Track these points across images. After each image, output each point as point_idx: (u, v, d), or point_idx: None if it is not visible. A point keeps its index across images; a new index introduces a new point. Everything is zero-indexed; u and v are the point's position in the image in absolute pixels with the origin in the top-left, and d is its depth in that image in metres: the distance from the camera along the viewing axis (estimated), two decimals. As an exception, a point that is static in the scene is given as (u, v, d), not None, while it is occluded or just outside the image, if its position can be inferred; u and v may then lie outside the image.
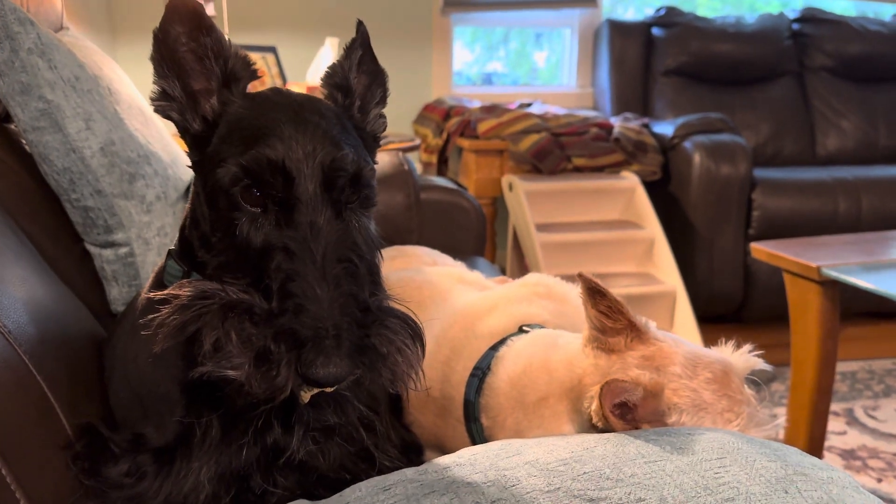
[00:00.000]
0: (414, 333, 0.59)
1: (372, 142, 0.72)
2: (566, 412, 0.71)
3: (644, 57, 3.12)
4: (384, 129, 0.74)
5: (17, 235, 0.85)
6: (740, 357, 0.72)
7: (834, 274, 1.56)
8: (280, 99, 0.64)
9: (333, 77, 0.70)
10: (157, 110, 0.64)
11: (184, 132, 0.65)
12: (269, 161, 0.57)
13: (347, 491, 0.58)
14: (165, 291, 0.56)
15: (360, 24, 0.72)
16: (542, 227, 2.54)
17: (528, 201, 2.52)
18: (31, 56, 0.93)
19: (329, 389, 0.55)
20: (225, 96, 0.63)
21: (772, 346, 0.76)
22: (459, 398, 0.81)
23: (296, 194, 0.57)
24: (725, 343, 0.75)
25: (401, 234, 1.61)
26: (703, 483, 0.51)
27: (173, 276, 0.68)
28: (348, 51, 0.71)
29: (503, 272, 2.19)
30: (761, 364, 0.73)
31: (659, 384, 0.65)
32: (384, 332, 0.56)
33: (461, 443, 0.80)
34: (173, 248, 0.71)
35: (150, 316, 0.55)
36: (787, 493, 0.51)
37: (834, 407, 2.14)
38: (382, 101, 0.73)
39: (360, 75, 0.71)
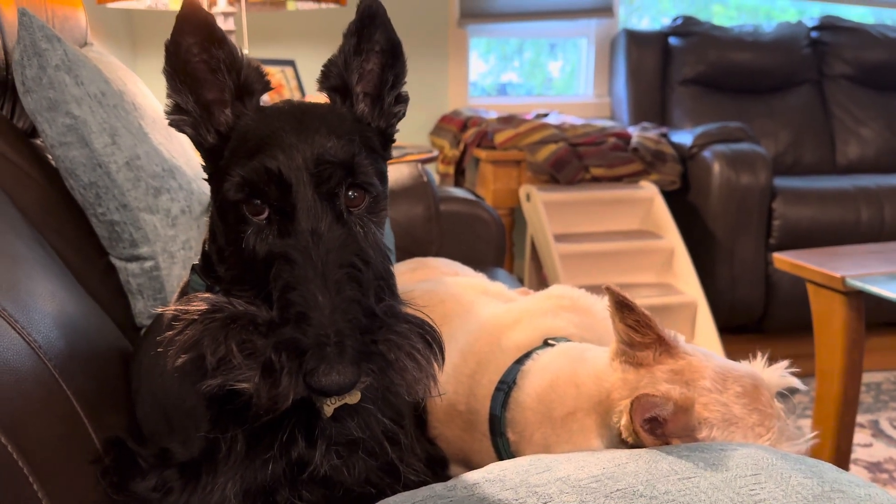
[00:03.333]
0: (428, 338, 0.58)
1: (382, 135, 0.69)
2: (595, 427, 0.70)
3: (661, 66, 3.12)
4: (401, 116, 0.70)
5: (45, 249, 0.86)
6: (774, 373, 0.71)
7: (858, 284, 1.54)
8: (287, 108, 0.64)
9: (329, 78, 0.67)
10: (171, 124, 0.64)
11: (198, 146, 0.65)
12: (266, 171, 0.57)
13: (375, 507, 0.57)
14: (175, 307, 0.56)
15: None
16: (560, 238, 2.53)
17: (546, 211, 2.51)
18: (59, 72, 0.94)
19: (351, 400, 0.55)
20: (238, 109, 0.63)
21: (794, 357, 0.75)
22: (485, 412, 0.80)
23: (294, 202, 0.57)
24: (756, 357, 0.74)
25: (420, 246, 1.61)
26: (739, 500, 0.51)
27: (197, 291, 0.68)
28: (346, 38, 0.67)
29: (521, 283, 2.18)
30: (796, 383, 0.72)
31: (689, 399, 0.64)
32: (392, 338, 0.55)
33: (487, 457, 0.80)
34: (197, 262, 0.71)
35: (168, 333, 0.55)
36: (824, 510, 0.50)
37: (859, 419, 2.11)
38: (397, 83, 0.69)
39: (372, 56, 0.67)
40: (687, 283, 2.51)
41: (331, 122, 0.62)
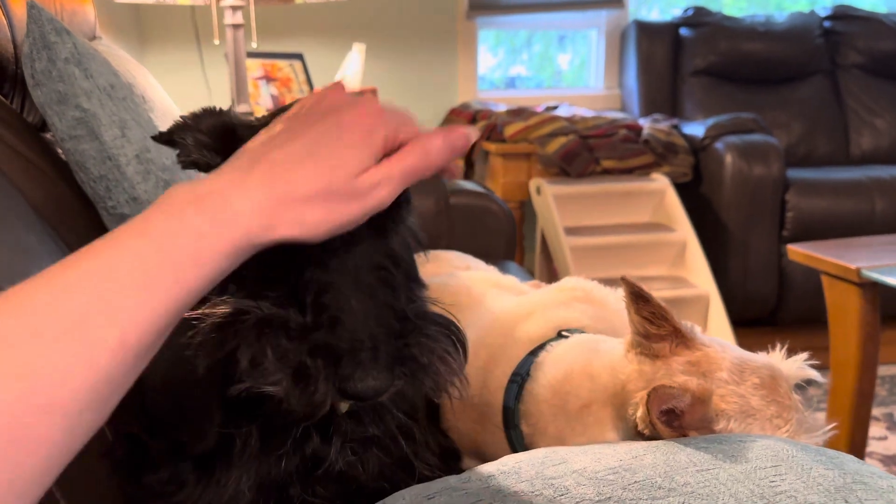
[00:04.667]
0: (456, 340, 0.57)
1: None
2: (610, 419, 0.69)
3: (672, 57, 3.09)
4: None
5: (56, 243, 0.86)
6: (792, 365, 0.70)
7: (874, 275, 1.52)
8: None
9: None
10: (185, 167, 0.63)
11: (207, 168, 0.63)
12: None
13: (390, 499, 0.57)
14: (199, 311, 0.55)
15: None
16: (571, 231, 2.52)
17: (556, 204, 2.50)
18: (68, 65, 0.94)
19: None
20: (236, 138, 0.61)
21: (808, 350, 0.74)
22: (498, 404, 0.80)
23: None
24: (774, 349, 0.73)
25: (430, 239, 1.60)
26: (759, 492, 0.50)
27: None
28: None
29: (532, 276, 2.17)
30: (815, 375, 0.71)
31: (707, 390, 0.63)
32: (424, 341, 0.54)
33: (500, 449, 0.79)
34: None
35: (190, 334, 0.54)
36: (847, 502, 0.49)
37: (874, 412, 2.09)
38: None
39: None
40: (699, 276, 2.49)
41: None
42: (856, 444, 1.67)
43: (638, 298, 0.68)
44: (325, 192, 0.46)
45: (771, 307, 2.61)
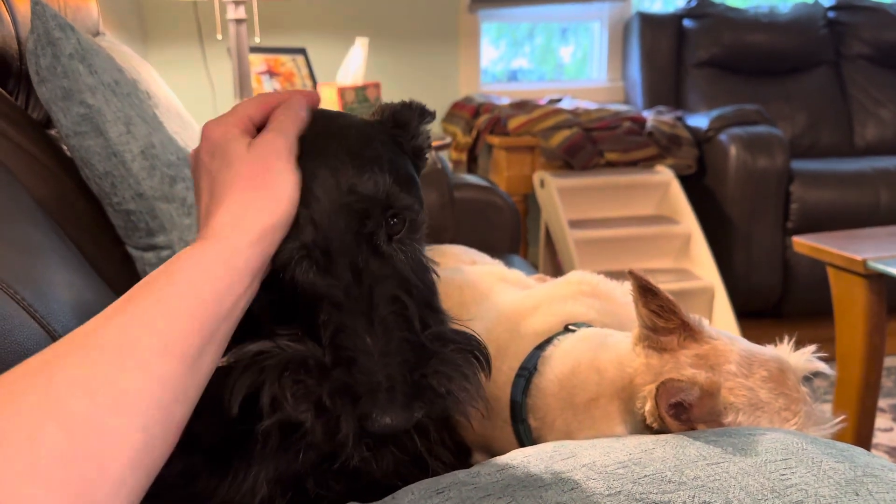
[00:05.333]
0: (476, 357, 0.57)
1: (415, 157, 0.68)
2: (618, 413, 0.69)
3: (676, 49, 3.08)
4: (429, 143, 0.70)
5: (62, 239, 0.86)
6: (801, 357, 0.70)
7: (880, 267, 1.52)
8: (306, 132, 0.61)
9: (387, 111, 0.67)
10: None
11: None
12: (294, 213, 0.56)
13: (399, 493, 0.57)
14: (226, 360, 0.56)
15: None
16: (575, 224, 2.51)
17: (560, 198, 2.50)
18: (73, 61, 0.94)
19: None
20: None
21: (813, 342, 0.74)
22: (506, 399, 0.80)
23: (327, 239, 0.55)
24: (783, 341, 0.73)
25: (435, 233, 1.60)
26: (770, 485, 0.50)
27: None
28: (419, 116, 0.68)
29: (536, 270, 2.17)
30: (823, 367, 0.70)
31: (716, 383, 0.63)
32: (441, 370, 0.54)
33: (508, 444, 0.79)
34: None
35: (223, 379, 0.56)
36: (857, 495, 0.49)
37: (880, 403, 2.09)
38: (425, 117, 0.69)
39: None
40: (704, 268, 2.49)
41: (354, 144, 0.59)
42: (862, 436, 1.67)
43: (646, 292, 0.68)
44: (240, 195, 0.54)
45: (776, 299, 2.61)
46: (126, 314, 0.47)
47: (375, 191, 0.57)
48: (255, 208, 0.53)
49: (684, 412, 0.63)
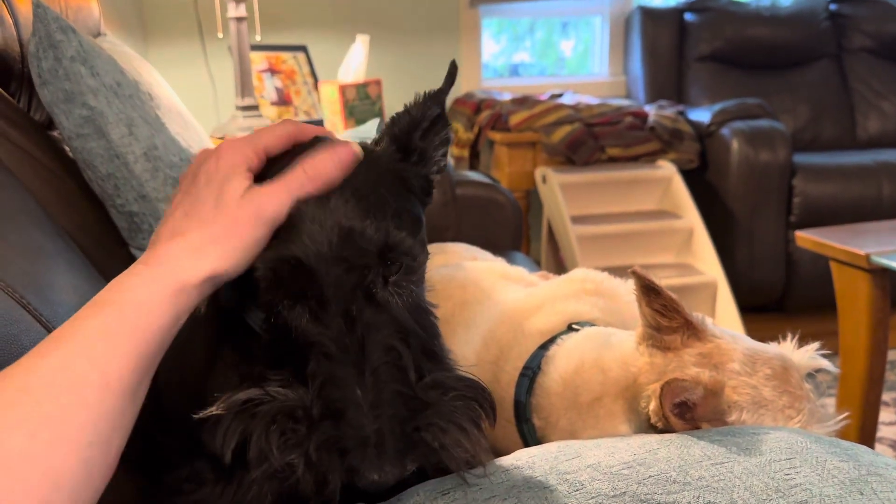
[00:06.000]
0: (479, 404, 0.55)
1: (423, 188, 0.64)
2: (622, 412, 0.70)
3: (677, 43, 3.07)
4: (442, 168, 0.66)
5: (66, 242, 0.86)
6: (804, 355, 0.70)
7: (884, 261, 1.51)
8: None
9: (394, 128, 0.62)
10: None
11: None
12: (284, 259, 0.53)
13: (405, 494, 0.57)
14: (216, 408, 0.55)
15: (453, 64, 0.64)
16: (577, 220, 2.51)
17: (562, 193, 2.49)
18: (74, 64, 0.94)
19: None
20: None
21: (816, 336, 0.74)
22: (509, 398, 0.80)
23: (320, 286, 0.53)
24: (786, 338, 0.73)
25: (437, 231, 1.60)
26: (774, 485, 0.50)
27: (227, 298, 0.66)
28: (431, 105, 0.62)
29: (538, 266, 2.17)
30: (826, 364, 0.71)
31: (719, 382, 0.63)
32: (436, 422, 0.52)
33: (512, 444, 0.79)
34: None
35: (214, 426, 0.55)
36: (862, 494, 0.49)
37: (884, 397, 2.09)
38: (445, 142, 0.65)
39: (432, 115, 0.63)
40: (707, 263, 2.49)
41: (356, 178, 0.56)
42: (866, 430, 1.67)
43: (649, 291, 0.68)
44: (209, 234, 0.54)
45: (779, 294, 2.61)
46: (70, 346, 0.48)
47: (376, 237, 0.54)
48: (213, 254, 0.53)
49: (688, 411, 0.64)
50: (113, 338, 0.49)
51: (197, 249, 0.53)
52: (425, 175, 0.64)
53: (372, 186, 0.57)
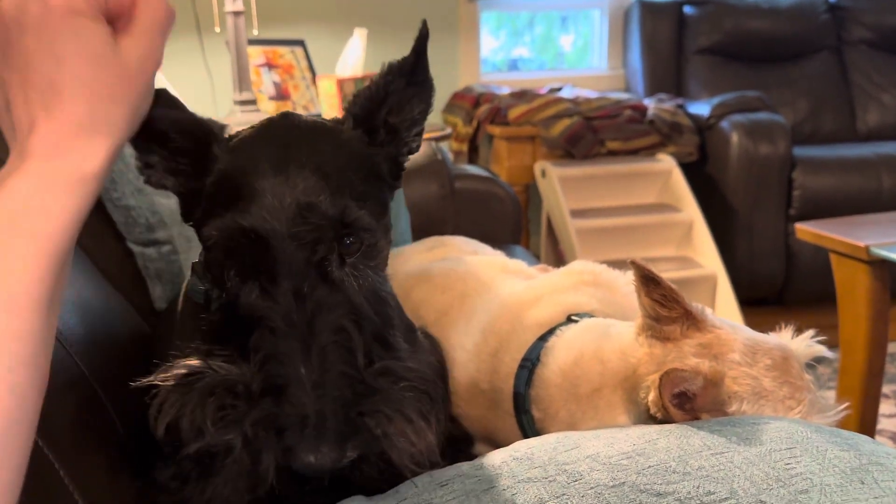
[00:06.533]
0: (424, 399, 0.54)
1: (392, 172, 0.62)
2: (621, 403, 0.69)
3: (676, 36, 3.06)
4: (415, 150, 0.63)
5: (62, 236, 0.85)
6: (801, 343, 0.70)
7: (883, 253, 1.51)
8: (269, 137, 0.57)
9: (354, 106, 0.60)
10: (147, 182, 0.60)
11: (179, 196, 0.60)
12: (239, 229, 0.52)
13: (403, 486, 0.57)
14: (155, 378, 0.53)
15: (423, 24, 0.61)
16: (576, 213, 2.51)
17: (561, 187, 2.49)
18: (69, 56, 0.93)
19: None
20: (210, 156, 0.57)
21: (816, 329, 0.74)
22: (508, 390, 0.80)
23: (273, 260, 0.51)
24: (784, 328, 0.72)
25: (436, 224, 1.60)
26: (775, 475, 0.50)
27: (197, 293, 0.65)
28: (393, 75, 0.59)
29: (538, 260, 2.17)
30: (824, 351, 0.70)
31: (719, 372, 0.63)
32: (383, 409, 0.51)
33: (512, 435, 0.79)
34: (197, 261, 0.67)
35: (148, 396, 0.53)
36: (863, 483, 0.49)
37: (884, 389, 2.09)
38: (419, 121, 0.62)
39: (404, 87, 0.60)
40: (706, 256, 2.48)
41: (321, 157, 0.55)
42: (866, 422, 1.67)
43: (648, 281, 0.68)
44: (94, 100, 0.46)
45: (778, 286, 2.60)
46: None
47: (331, 212, 0.52)
48: (106, 126, 0.47)
49: (688, 402, 0.63)
50: (13, 252, 0.43)
51: (85, 125, 0.46)
52: (395, 157, 0.62)
53: (335, 167, 0.55)
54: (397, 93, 0.60)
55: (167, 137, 0.57)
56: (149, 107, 0.52)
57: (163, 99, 0.55)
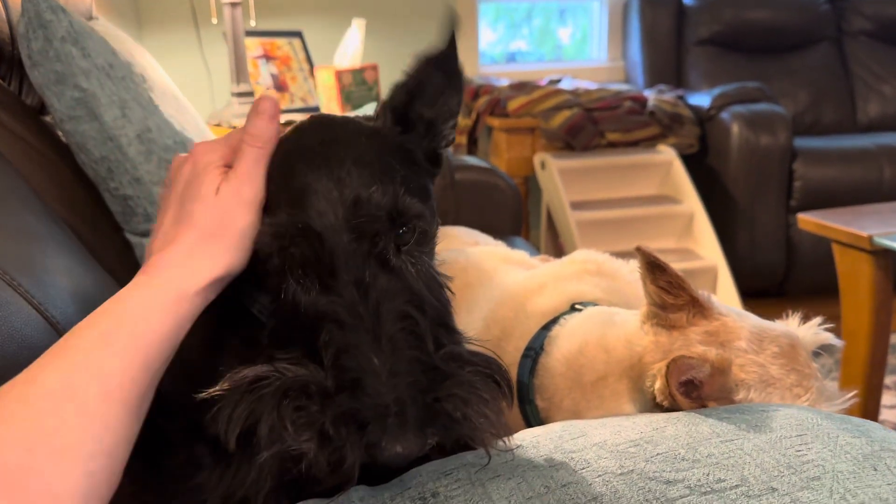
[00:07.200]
0: (496, 379, 0.53)
1: (431, 161, 0.62)
2: (626, 391, 0.68)
3: (676, 27, 3.05)
4: (451, 141, 0.63)
5: (59, 226, 0.84)
6: (809, 331, 0.69)
7: (886, 242, 1.50)
8: (305, 140, 0.57)
9: (392, 100, 0.60)
10: None
11: None
12: (295, 226, 0.52)
13: (408, 475, 0.56)
14: (220, 387, 0.52)
15: (452, 12, 0.60)
16: (576, 205, 2.50)
17: (561, 179, 2.48)
18: (65, 44, 0.92)
19: None
20: None
21: (820, 319, 0.73)
22: (512, 380, 0.79)
23: (331, 254, 0.51)
24: (791, 316, 0.72)
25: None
26: (786, 462, 0.49)
27: None
28: (429, 67, 0.59)
29: (539, 252, 2.16)
30: (831, 338, 0.70)
31: (726, 360, 0.62)
32: (457, 392, 0.50)
33: (515, 425, 0.78)
34: None
35: (215, 409, 0.52)
36: (876, 470, 0.48)
37: (886, 380, 2.08)
38: (455, 113, 0.62)
39: (439, 79, 0.60)
40: (707, 248, 2.47)
41: (363, 151, 0.55)
42: (868, 413, 1.67)
43: (654, 268, 0.67)
44: (199, 235, 0.54)
45: (780, 278, 2.60)
46: (69, 358, 0.47)
47: (384, 202, 0.53)
48: (208, 256, 0.53)
49: (695, 390, 0.62)
50: (112, 348, 0.48)
51: (190, 253, 0.53)
52: (434, 149, 0.62)
53: (375, 155, 0.55)
54: (433, 85, 0.60)
55: None
56: (255, 235, 0.55)
57: None
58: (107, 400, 0.47)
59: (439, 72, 0.59)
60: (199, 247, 0.53)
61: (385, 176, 0.54)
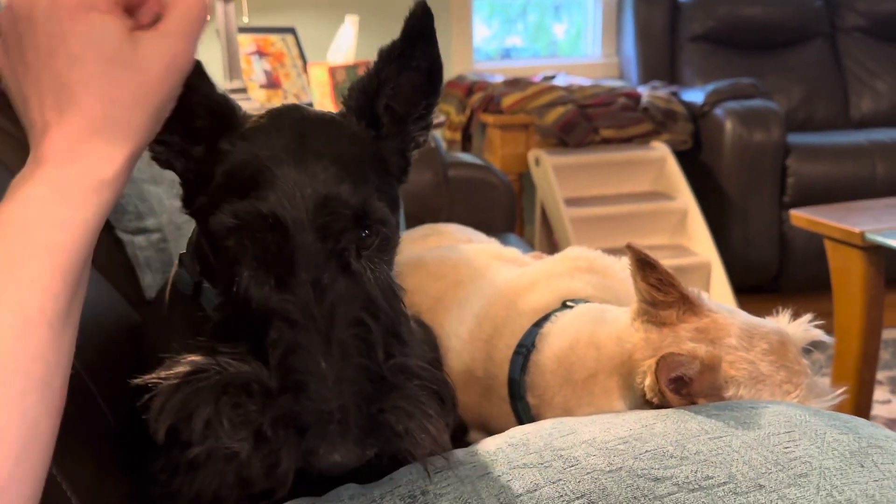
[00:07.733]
0: (442, 396, 0.52)
1: (400, 166, 0.61)
2: (617, 388, 0.69)
3: (670, 24, 3.05)
4: (421, 145, 0.62)
5: (49, 224, 0.84)
6: (798, 327, 0.69)
7: (878, 239, 1.51)
8: (283, 127, 0.55)
9: (352, 99, 0.59)
10: (154, 158, 0.57)
11: (183, 178, 0.58)
12: (258, 214, 0.50)
13: (398, 473, 0.56)
14: (156, 375, 0.50)
15: (416, 5, 0.59)
16: (571, 202, 2.50)
17: (555, 176, 2.48)
18: (55, 42, 0.92)
19: None
20: (222, 143, 0.55)
21: (811, 315, 0.73)
22: (503, 377, 0.79)
23: (293, 249, 0.50)
24: (781, 312, 0.72)
25: (429, 212, 1.59)
26: (774, 458, 0.49)
27: (185, 286, 0.63)
28: (384, 61, 0.58)
29: (532, 249, 2.16)
30: (821, 335, 0.70)
31: (716, 357, 0.62)
32: (402, 405, 0.49)
33: (507, 422, 0.78)
34: (184, 252, 0.65)
35: (147, 396, 0.50)
36: (863, 466, 0.49)
37: (878, 376, 2.09)
38: (428, 113, 0.61)
39: (408, 72, 0.59)
40: (701, 244, 2.48)
41: (338, 148, 0.54)
42: (860, 408, 1.68)
43: (644, 265, 0.67)
44: (111, 104, 0.44)
45: (773, 273, 2.60)
46: None
47: (353, 201, 0.51)
48: (126, 128, 0.44)
49: (685, 386, 0.63)
50: (24, 268, 0.41)
51: (100, 129, 0.44)
52: (402, 151, 0.61)
53: (353, 158, 0.54)
54: (391, 80, 0.59)
55: (193, 115, 0.54)
56: (172, 108, 0.49)
57: (196, 71, 0.52)
58: (28, 328, 0.40)
59: (395, 65, 0.58)
60: (113, 120, 0.44)
61: (359, 178, 0.53)
